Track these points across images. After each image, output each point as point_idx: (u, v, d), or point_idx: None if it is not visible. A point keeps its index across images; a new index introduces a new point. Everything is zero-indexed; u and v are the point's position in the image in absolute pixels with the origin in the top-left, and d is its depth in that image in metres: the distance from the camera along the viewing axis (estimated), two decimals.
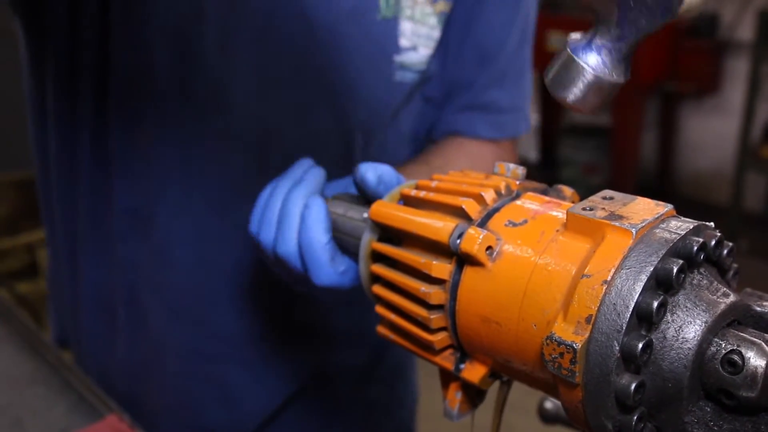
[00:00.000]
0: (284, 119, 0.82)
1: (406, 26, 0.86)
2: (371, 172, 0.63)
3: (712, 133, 4.10)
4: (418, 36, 0.87)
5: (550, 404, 0.85)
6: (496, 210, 0.52)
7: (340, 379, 1.05)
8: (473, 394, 0.56)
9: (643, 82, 3.76)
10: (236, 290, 0.91)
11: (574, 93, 0.46)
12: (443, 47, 0.92)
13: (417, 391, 1.18)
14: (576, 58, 0.46)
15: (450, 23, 0.91)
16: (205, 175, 0.84)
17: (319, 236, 0.64)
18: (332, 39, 0.81)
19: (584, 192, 0.50)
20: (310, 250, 0.64)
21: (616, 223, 0.44)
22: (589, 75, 0.46)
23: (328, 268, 0.64)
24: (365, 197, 0.65)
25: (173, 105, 0.83)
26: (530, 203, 0.52)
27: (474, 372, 0.53)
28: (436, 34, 0.89)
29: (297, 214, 0.66)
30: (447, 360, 0.54)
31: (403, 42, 0.86)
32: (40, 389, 1.06)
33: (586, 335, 0.42)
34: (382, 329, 0.60)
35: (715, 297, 0.44)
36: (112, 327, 0.96)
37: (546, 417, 0.85)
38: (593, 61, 0.45)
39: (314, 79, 0.84)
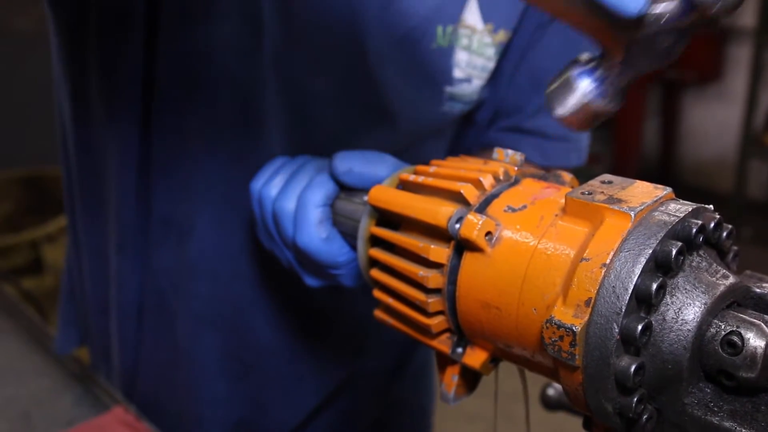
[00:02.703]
0: (326, 140, 0.80)
1: (461, 57, 0.82)
2: (341, 163, 0.65)
3: (714, 121, 4.10)
4: (473, 67, 0.83)
5: (552, 391, 0.85)
6: (495, 196, 0.52)
7: (368, 384, 1.05)
8: (470, 378, 0.57)
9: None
10: (271, 303, 0.91)
11: (564, 110, 0.49)
12: (495, 74, 0.88)
13: (434, 390, 1.19)
14: (574, 80, 0.49)
15: (507, 51, 0.87)
16: (245, 193, 0.81)
17: (316, 197, 0.65)
18: (382, 65, 0.78)
19: (587, 182, 0.50)
20: (303, 208, 0.65)
21: (615, 207, 0.45)
22: (581, 98, 0.49)
23: (313, 229, 0.65)
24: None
25: (220, 120, 0.81)
26: (529, 189, 0.52)
27: (475, 357, 0.53)
28: (492, 65, 0.85)
29: (306, 178, 0.68)
30: (444, 344, 0.54)
31: (457, 73, 0.83)
32: (46, 382, 1.07)
33: (586, 318, 0.42)
34: (379, 313, 0.60)
35: (714, 279, 0.44)
36: (140, 329, 0.96)
37: (548, 404, 0.85)
38: (589, 87, 0.48)
39: (361, 104, 0.81)
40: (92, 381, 1.05)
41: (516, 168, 0.55)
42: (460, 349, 0.55)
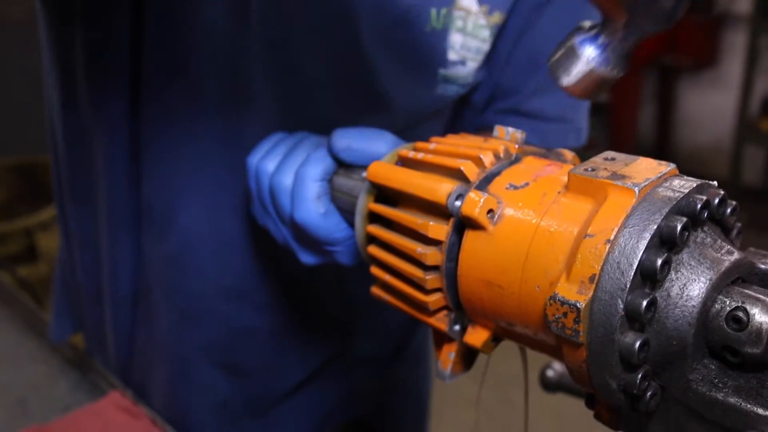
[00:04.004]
0: (319, 125, 0.79)
1: (456, 39, 0.81)
2: (340, 139, 0.65)
3: (710, 107, 4.09)
4: (467, 49, 0.82)
5: (551, 372, 0.85)
6: (496, 174, 0.52)
7: (365, 367, 1.05)
8: (466, 356, 0.56)
9: (640, 56, 3.74)
10: (261, 292, 0.90)
11: (569, 78, 0.49)
12: (491, 55, 0.87)
13: (432, 374, 1.19)
14: (578, 48, 0.49)
15: (502, 33, 0.86)
16: (234, 179, 0.81)
17: (314, 172, 0.65)
18: (376, 47, 0.77)
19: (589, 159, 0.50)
20: (301, 183, 0.65)
21: (619, 183, 0.44)
22: (586, 65, 0.48)
23: (311, 203, 0.64)
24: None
25: (208, 106, 0.80)
26: (531, 166, 0.52)
27: (476, 336, 0.53)
28: (486, 47, 0.84)
29: (305, 153, 0.67)
30: (441, 321, 0.54)
31: (452, 55, 0.81)
32: (42, 368, 1.06)
33: (590, 294, 0.42)
34: (376, 290, 0.59)
35: (719, 255, 0.44)
36: (134, 319, 0.96)
37: (547, 385, 0.85)
38: (593, 54, 0.48)
39: (354, 88, 0.80)
40: (88, 367, 1.04)
41: (516, 146, 0.54)
42: (457, 327, 0.54)
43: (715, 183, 0.46)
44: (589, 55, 0.48)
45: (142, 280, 0.91)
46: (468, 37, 0.81)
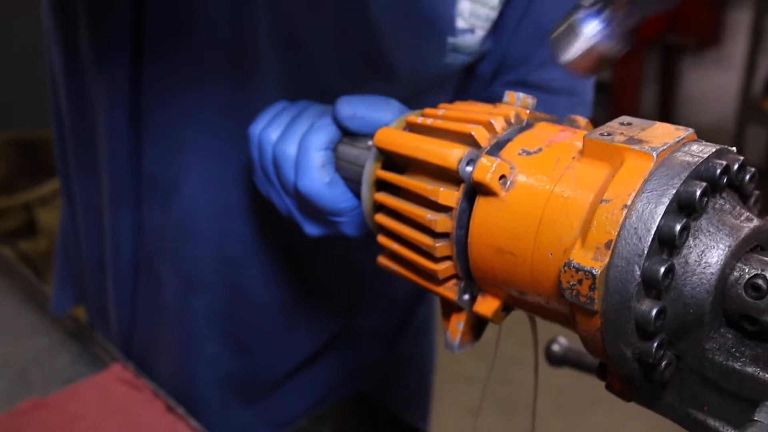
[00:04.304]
0: (324, 93, 0.77)
1: (464, 6, 0.79)
2: (345, 107, 0.63)
3: (713, 87, 4.07)
4: (476, 17, 0.80)
5: (557, 347, 0.84)
6: (508, 139, 0.51)
7: (369, 341, 1.04)
8: (475, 326, 0.55)
9: (643, 36, 3.71)
10: (264, 260, 0.89)
11: (569, 55, 0.48)
12: (499, 25, 0.85)
13: (436, 348, 1.19)
14: (579, 24, 0.47)
15: (510, 1, 0.84)
16: (237, 147, 0.79)
17: (319, 141, 0.63)
18: (383, 13, 0.75)
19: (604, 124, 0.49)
20: (305, 152, 0.63)
21: (636, 147, 0.43)
22: (586, 42, 0.47)
23: (315, 172, 0.63)
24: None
25: (211, 70, 0.78)
26: (544, 132, 0.50)
27: (486, 306, 0.52)
28: (495, 15, 0.82)
29: (308, 122, 0.65)
30: (450, 290, 0.53)
31: (460, 23, 0.79)
32: (43, 340, 1.06)
33: (606, 261, 0.41)
34: (383, 260, 0.58)
35: (738, 221, 0.43)
36: (135, 289, 0.95)
37: (552, 359, 0.85)
38: (594, 30, 0.47)
39: (360, 54, 0.78)
40: (90, 339, 1.04)
41: (528, 111, 0.53)
42: (466, 296, 0.53)
43: (734, 149, 0.45)
44: (590, 32, 0.47)
45: (144, 250, 0.90)
46: (477, 5, 0.79)
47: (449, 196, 0.50)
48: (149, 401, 0.90)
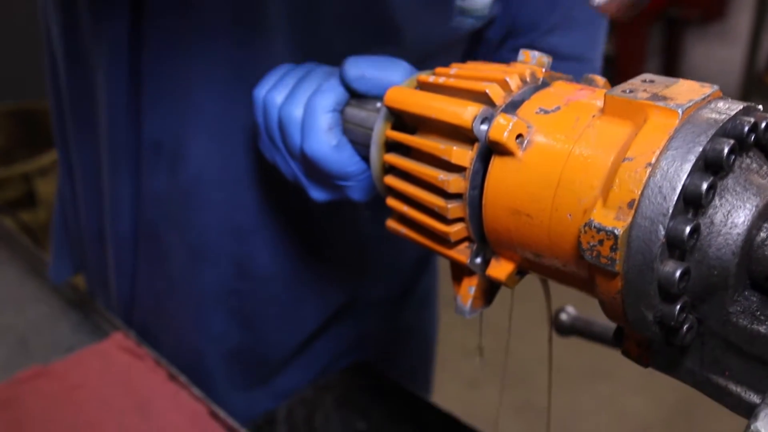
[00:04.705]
0: (329, 55, 0.76)
1: None
2: (353, 68, 0.61)
3: (717, 61, 4.04)
4: None
5: (565, 316, 0.83)
6: (524, 99, 0.49)
7: (372, 311, 1.03)
8: (487, 290, 0.54)
9: (647, 8, 3.67)
10: (272, 229, 0.87)
11: None
12: None
13: (438, 319, 1.18)
14: None
15: None
16: (243, 112, 0.77)
17: (325, 103, 0.61)
18: None
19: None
20: (311, 114, 0.61)
21: (661, 104, 0.41)
22: None
23: (322, 135, 0.61)
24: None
25: (217, 31, 0.76)
26: (562, 90, 0.49)
27: (500, 269, 0.50)
28: None
29: (315, 84, 0.63)
30: (462, 253, 0.52)
31: None
32: (44, 309, 1.05)
33: (629, 220, 0.39)
34: (392, 223, 0.57)
35: (765, 181, 0.41)
36: (136, 258, 0.93)
37: (561, 329, 0.84)
38: None
39: (367, 18, 0.76)
40: (91, 308, 1.03)
41: (543, 70, 0.51)
42: (479, 260, 0.52)
43: (760, 107, 0.43)
44: None
45: (146, 218, 0.89)
46: None
47: (463, 155, 0.48)
48: (151, 370, 0.89)
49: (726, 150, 0.39)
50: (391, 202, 0.55)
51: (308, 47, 0.76)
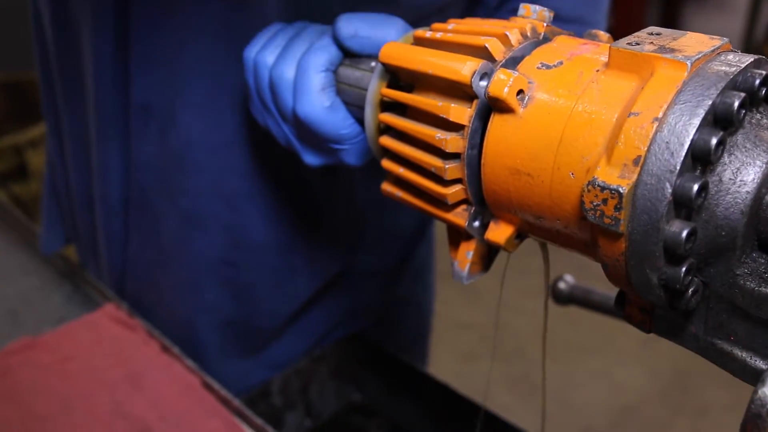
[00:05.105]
0: (322, 13, 0.73)
1: None
2: (346, 25, 0.59)
3: (715, 33, 3.97)
4: None
5: (563, 284, 0.82)
6: (524, 54, 0.47)
7: (368, 281, 1.02)
8: (485, 255, 0.52)
9: None
10: (266, 196, 0.85)
11: None
12: None
13: (434, 291, 1.17)
14: None
15: None
16: (235, 71, 0.75)
17: (318, 62, 0.59)
18: None
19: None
20: (303, 74, 0.59)
21: (668, 56, 0.39)
22: None
23: (315, 96, 0.59)
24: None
25: None
26: (564, 45, 0.47)
27: (499, 233, 0.49)
28: None
29: (307, 43, 0.61)
30: (460, 216, 0.50)
31: None
32: (34, 280, 1.03)
33: (634, 178, 0.38)
34: (387, 186, 0.55)
35: None
36: (126, 226, 0.91)
37: (559, 298, 0.82)
38: None
39: None
40: (82, 279, 1.01)
41: (545, 25, 0.49)
42: (477, 223, 0.50)
43: None
44: None
45: (137, 184, 0.87)
46: None
47: (461, 113, 0.46)
48: (143, 341, 0.88)
49: (736, 104, 0.37)
50: (387, 163, 0.54)
51: (301, 6, 0.74)
